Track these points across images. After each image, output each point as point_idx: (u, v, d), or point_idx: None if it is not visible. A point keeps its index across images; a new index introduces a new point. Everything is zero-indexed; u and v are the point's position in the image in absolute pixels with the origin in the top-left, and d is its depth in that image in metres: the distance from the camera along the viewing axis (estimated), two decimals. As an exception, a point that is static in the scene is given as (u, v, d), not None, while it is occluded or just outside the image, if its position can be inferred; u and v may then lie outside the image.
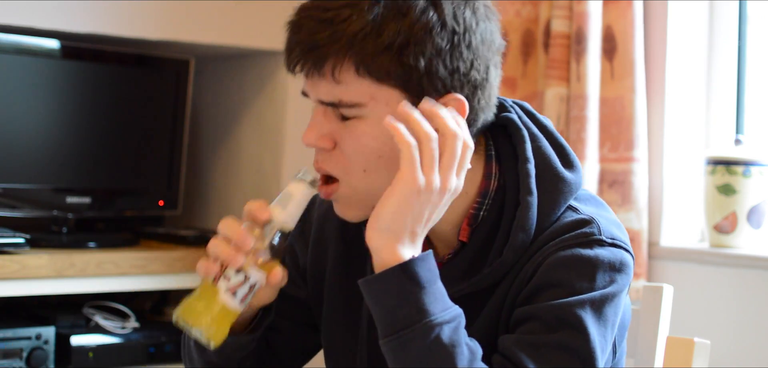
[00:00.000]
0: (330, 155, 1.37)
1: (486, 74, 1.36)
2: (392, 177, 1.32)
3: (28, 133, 2.87)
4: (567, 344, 1.30)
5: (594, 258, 1.34)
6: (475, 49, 1.34)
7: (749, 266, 2.52)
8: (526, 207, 1.37)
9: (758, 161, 2.56)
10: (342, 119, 1.35)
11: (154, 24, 2.92)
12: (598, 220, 1.38)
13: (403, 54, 1.30)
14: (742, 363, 2.50)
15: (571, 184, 1.41)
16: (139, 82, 3.07)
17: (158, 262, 2.83)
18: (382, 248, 1.30)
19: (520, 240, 1.36)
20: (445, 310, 1.29)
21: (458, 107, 1.34)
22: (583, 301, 1.32)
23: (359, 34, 1.30)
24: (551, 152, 1.42)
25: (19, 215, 2.88)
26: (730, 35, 2.72)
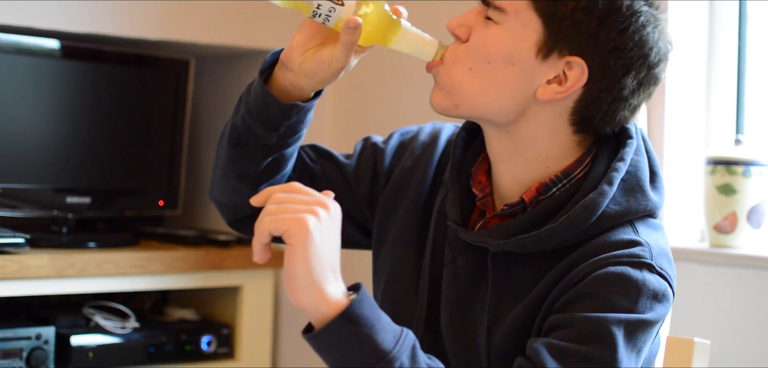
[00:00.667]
0: (458, 45, 1.40)
1: (623, 73, 1.37)
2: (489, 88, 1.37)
3: (28, 133, 2.87)
4: (594, 356, 1.30)
5: (640, 282, 1.34)
6: (627, 40, 1.35)
7: (749, 266, 2.52)
8: (598, 193, 1.37)
9: (758, 161, 2.56)
10: (486, 19, 1.38)
11: (154, 24, 2.92)
12: (653, 247, 1.38)
13: (580, 25, 1.33)
14: (742, 363, 2.50)
15: (648, 201, 1.41)
16: (139, 82, 3.07)
17: (158, 262, 2.83)
18: (315, 303, 1.26)
19: (578, 217, 1.36)
20: (397, 339, 1.27)
21: (578, 74, 1.36)
22: (619, 319, 1.31)
23: None
24: (646, 168, 1.43)
25: (19, 215, 2.88)
26: (730, 35, 2.71)
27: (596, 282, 1.33)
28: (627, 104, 1.39)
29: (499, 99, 1.39)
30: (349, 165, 1.61)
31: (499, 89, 1.38)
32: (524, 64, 1.36)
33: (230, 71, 3.34)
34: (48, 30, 2.80)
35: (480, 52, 1.37)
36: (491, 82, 1.38)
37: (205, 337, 2.96)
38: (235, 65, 3.32)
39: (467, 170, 1.49)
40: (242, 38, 3.05)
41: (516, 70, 1.37)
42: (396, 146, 1.61)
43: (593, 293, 1.33)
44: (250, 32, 3.05)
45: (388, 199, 1.57)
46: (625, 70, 1.36)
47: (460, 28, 1.40)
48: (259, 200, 1.29)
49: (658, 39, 1.38)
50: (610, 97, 1.38)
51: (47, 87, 2.89)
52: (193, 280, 2.92)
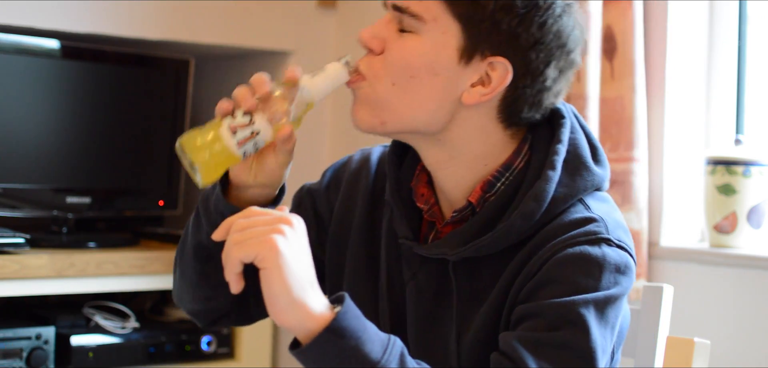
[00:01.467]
0: (372, 58, 1.37)
1: (544, 66, 1.37)
2: (414, 102, 1.36)
3: (28, 133, 2.87)
4: (568, 342, 1.29)
5: (601, 258, 1.34)
6: (546, 33, 1.35)
7: (749, 266, 2.52)
8: (544, 180, 1.37)
9: (758, 161, 2.56)
10: (400, 31, 1.36)
11: (154, 24, 2.92)
12: (607, 220, 1.38)
13: (499, 25, 1.32)
14: (742, 363, 2.50)
15: (594, 176, 1.41)
16: (139, 82, 3.07)
17: (158, 262, 2.83)
18: (300, 320, 1.25)
19: (530, 209, 1.36)
20: (384, 347, 1.27)
21: (502, 74, 1.35)
22: (587, 300, 1.31)
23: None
24: (585, 144, 1.43)
25: (19, 215, 2.88)
26: (730, 35, 2.72)
27: (557, 266, 1.33)
28: (550, 92, 1.39)
29: (426, 111, 1.38)
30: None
31: (425, 102, 1.37)
32: (448, 72, 1.36)
33: (230, 71, 3.34)
34: (48, 30, 2.80)
35: (401, 66, 1.36)
36: (417, 95, 1.36)
37: (205, 337, 2.96)
38: (235, 65, 3.32)
39: (407, 186, 1.48)
40: (242, 38, 3.05)
41: (440, 79, 1.36)
42: (330, 182, 1.59)
43: (556, 278, 1.32)
44: (250, 32, 3.05)
45: (334, 235, 1.56)
46: (546, 62, 1.36)
47: (373, 41, 1.38)
48: (221, 233, 1.28)
49: (573, 27, 1.39)
50: (534, 90, 1.38)
51: (47, 87, 2.89)
52: (193, 280, 2.92)
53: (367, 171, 1.56)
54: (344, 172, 1.58)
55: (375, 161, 1.57)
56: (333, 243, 1.55)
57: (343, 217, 1.55)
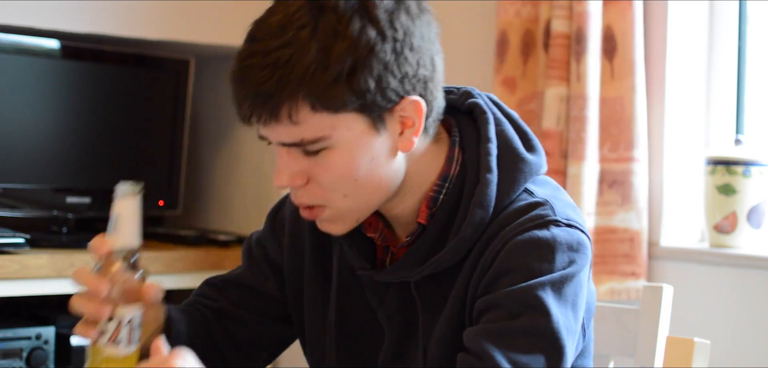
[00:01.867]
0: (307, 189, 1.37)
1: (433, 67, 1.38)
2: (372, 191, 1.36)
3: (28, 133, 2.87)
4: (530, 328, 1.31)
5: (551, 239, 1.35)
6: (418, 48, 1.35)
7: (749, 266, 2.52)
8: (484, 184, 1.38)
9: (758, 161, 2.56)
10: (308, 154, 1.34)
11: (154, 24, 2.92)
12: (553, 202, 1.39)
13: (353, 80, 1.30)
14: (742, 363, 2.50)
15: (531, 165, 1.42)
16: (139, 82, 3.07)
17: (158, 262, 2.83)
18: None
19: (479, 217, 1.37)
20: None
21: (415, 109, 1.35)
22: (543, 283, 1.32)
23: (307, 72, 1.29)
24: (514, 135, 1.43)
25: (19, 215, 2.88)
26: (730, 35, 2.72)
27: (510, 255, 1.34)
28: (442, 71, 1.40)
29: (385, 188, 1.38)
30: (248, 273, 1.60)
31: (379, 184, 1.37)
32: (377, 148, 1.35)
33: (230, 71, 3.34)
34: (48, 30, 2.80)
35: (340, 181, 1.35)
36: (369, 186, 1.36)
37: (205, 337, 2.96)
38: (235, 65, 3.31)
39: None
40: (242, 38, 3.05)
41: (377, 159, 1.36)
42: (274, 226, 1.58)
43: (510, 266, 1.34)
44: (250, 32, 3.05)
45: (290, 277, 1.56)
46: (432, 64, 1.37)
47: (294, 179, 1.36)
48: None
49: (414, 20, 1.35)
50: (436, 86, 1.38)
51: (47, 87, 2.89)
52: (193, 280, 2.92)
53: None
54: (285, 212, 1.58)
55: None
56: (290, 285, 1.56)
57: (293, 258, 1.55)
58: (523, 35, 2.77)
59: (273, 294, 1.58)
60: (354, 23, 1.30)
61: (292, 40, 1.30)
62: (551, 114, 2.66)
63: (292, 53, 1.30)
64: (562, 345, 1.31)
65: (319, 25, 1.30)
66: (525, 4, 2.77)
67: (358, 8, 1.32)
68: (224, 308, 1.58)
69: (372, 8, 1.32)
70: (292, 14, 1.32)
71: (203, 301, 1.59)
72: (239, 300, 1.58)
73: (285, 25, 1.31)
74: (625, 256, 2.63)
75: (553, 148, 2.66)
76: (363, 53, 1.30)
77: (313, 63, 1.29)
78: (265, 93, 1.31)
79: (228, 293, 1.59)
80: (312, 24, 1.30)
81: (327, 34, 1.30)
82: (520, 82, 2.78)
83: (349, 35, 1.30)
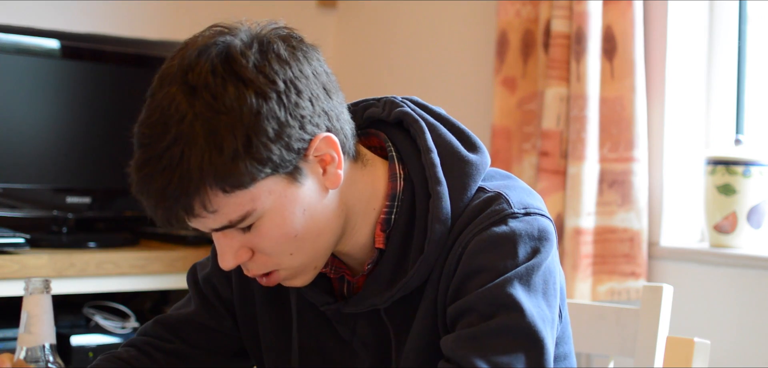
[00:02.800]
0: (255, 261, 1.33)
1: (326, 93, 1.32)
2: (316, 239, 1.32)
3: (28, 133, 2.87)
4: (505, 327, 1.29)
5: (510, 233, 1.33)
6: (305, 87, 1.29)
7: (749, 266, 2.52)
8: (437, 197, 1.35)
9: (758, 161, 2.56)
10: (242, 230, 1.30)
11: (154, 24, 2.92)
12: (507, 193, 1.36)
13: (251, 151, 1.24)
14: (742, 363, 2.50)
15: (477, 166, 1.38)
16: (139, 82, 3.07)
17: (158, 262, 2.83)
18: None
19: (439, 232, 1.34)
20: None
21: (328, 144, 1.30)
22: (510, 278, 1.30)
23: (203, 162, 1.23)
24: (452, 139, 1.39)
25: (19, 215, 2.88)
26: (730, 35, 2.72)
27: (472, 257, 1.32)
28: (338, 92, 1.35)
29: (329, 231, 1.34)
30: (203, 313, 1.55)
31: (322, 230, 1.33)
32: (306, 199, 1.31)
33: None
34: (48, 30, 2.80)
35: (280, 243, 1.31)
36: (312, 236, 1.32)
37: (205, 337, 2.96)
38: (235, 65, 3.32)
39: None
40: (242, 38, 3.05)
41: (311, 208, 1.32)
42: (217, 263, 1.53)
43: (474, 269, 1.32)
44: (250, 32, 3.05)
45: (241, 311, 1.52)
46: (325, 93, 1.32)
47: (238, 257, 1.32)
48: None
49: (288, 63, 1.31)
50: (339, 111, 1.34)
51: (47, 87, 2.89)
52: (193, 280, 2.92)
53: None
54: None
55: None
56: (244, 325, 1.52)
57: (243, 292, 1.51)
58: (523, 35, 2.77)
59: (230, 332, 1.54)
60: (228, 94, 1.24)
61: (177, 136, 1.24)
62: (551, 114, 2.66)
63: (182, 148, 1.23)
64: (540, 339, 1.29)
65: (196, 109, 1.24)
66: (525, 4, 2.77)
67: (226, 74, 1.26)
68: (179, 350, 1.53)
69: (241, 70, 1.26)
70: (167, 107, 1.25)
71: (154, 343, 1.54)
72: (196, 340, 1.53)
73: (166, 122, 1.25)
74: (625, 256, 2.63)
75: (553, 148, 2.66)
76: (251, 121, 1.24)
77: (204, 151, 1.23)
78: (171, 197, 1.25)
79: (183, 333, 1.54)
80: (189, 111, 1.24)
81: (207, 116, 1.23)
82: (520, 82, 2.78)
83: (229, 108, 1.24)
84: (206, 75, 1.26)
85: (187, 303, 1.57)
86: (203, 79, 1.26)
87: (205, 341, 1.53)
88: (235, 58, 1.29)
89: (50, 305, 1.34)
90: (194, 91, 1.25)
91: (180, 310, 1.56)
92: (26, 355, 1.34)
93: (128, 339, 1.56)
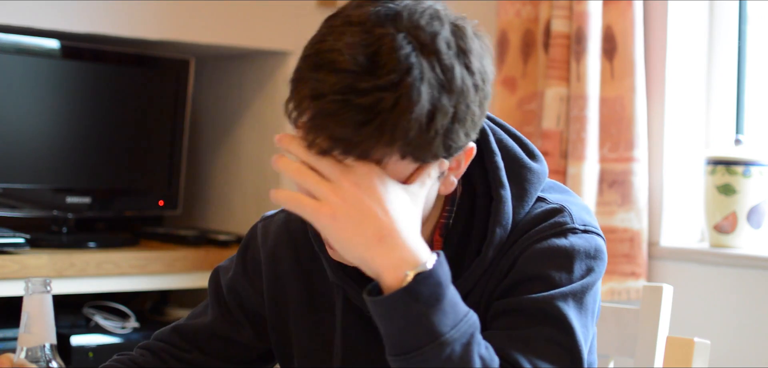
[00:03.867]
0: None
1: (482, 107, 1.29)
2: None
3: (28, 133, 2.87)
4: (553, 338, 1.29)
5: (570, 248, 1.33)
6: (489, 93, 1.28)
7: (749, 266, 2.52)
8: (500, 201, 1.34)
9: (758, 161, 2.57)
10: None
11: (154, 24, 2.92)
12: (569, 208, 1.36)
13: (449, 136, 1.23)
14: (742, 363, 2.50)
15: (539, 174, 1.38)
16: (139, 82, 3.07)
17: (158, 262, 2.83)
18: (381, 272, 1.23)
19: (498, 236, 1.34)
20: (456, 326, 1.23)
21: (468, 154, 1.30)
22: (564, 294, 1.30)
23: (411, 129, 1.19)
24: (514, 144, 1.39)
25: (19, 215, 2.88)
26: (730, 35, 2.72)
27: (528, 263, 1.32)
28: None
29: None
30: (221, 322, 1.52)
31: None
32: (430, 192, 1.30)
33: (230, 71, 3.34)
34: (48, 30, 2.80)
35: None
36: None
37: (205, 337, 2.96)
38: (235, 65, 3.32)
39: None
40: (242, 38, 3.05)
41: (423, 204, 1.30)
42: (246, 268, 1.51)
43: (529, 274, 1.32)
44: (250, 32, 3.05)
45: (274, 321, 1.49)
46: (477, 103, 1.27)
47: None
48: None
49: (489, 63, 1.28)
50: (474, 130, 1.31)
51: (47, 87, 2.89)
52: (193, 280, 2.92)
53: (288, 246, 1.48)
54: (258, 252, 1.50)
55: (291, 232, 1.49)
56: (273, 325, 1.49)
57: (277, 299, 1.48)
58: (523, 35, 2.77)
59: (249, 343, 1.52)
60: (457, 73, 1.22)
61: (397, 85, 1.18)
62: (551, 114, 2.66)
63: (395, 99, 1.18)
64: (582, 358, 1.30)
65: (424, 72, 1.19)
66: (525, 4, 2.77)
67: (458, 53, 1.22)
68: (194, 360, 1.52)
69: (469, 53, 1.23)
70: (390, 49, 1.19)
71: (170, 350, 1.53)
72: (212, 350, 1.51)
73: (385, 63, 1.19)
74: (625, 256, 2.63)
75: (553, 148, 2.66)
76: (462, 108, 1.22)
77: (418, 118, 1.19)
78: (355, 141, 1.20)
79: (200, 343, 1.52)
80: (418, 67, 1.19)
81: (434, 84, 1.20)
82: (520, 82, 2.78)
83: (454, 89, 1.21)
84: (440, 44, 1.22)
85: (204, 311, 1.55)
86: (435, 45, 1.21)
87: (221, 351, 1.52)
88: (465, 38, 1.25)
89: (51, 305, 1.34)
90: (424, 49, 1.20)
91: (197, 318, 1.54)
92: (27, 355, 1.34)
93: (143, 342, 1.55)
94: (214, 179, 3.38)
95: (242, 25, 3.03)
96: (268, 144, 3.20)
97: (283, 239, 1.49)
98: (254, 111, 3.24)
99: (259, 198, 3.23)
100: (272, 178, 3.18)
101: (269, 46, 3.08)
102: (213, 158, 3.39)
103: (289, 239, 1.48)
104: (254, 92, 3.24)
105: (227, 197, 3.34)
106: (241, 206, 3.29)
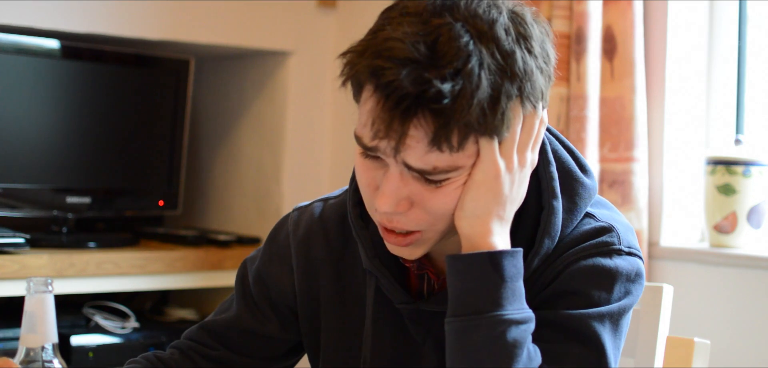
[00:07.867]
0: (409, 216, 1.27)
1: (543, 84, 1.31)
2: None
3: (28, 133, 2.87)
4: (585, 358, 1.29)
5: (613, 270, 1.32)
6: (552, 75, 1.31)
7: (749, 266, 2.52)
8: (551, 212, 1.33)
9: (758, 161, 2.56)
10: (429, 182, 1.25)
11: (154, 24, 2.92)
12: (617, 228, 1.35)
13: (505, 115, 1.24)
14: (742, 363, 2.50)
15: (590, 190, 1.38)
16: (139, 82, 3.07)
17: (158, 262, 2.83)
18: (473, 234, 1.25)
19: (546, 247, 1.33)
20: (519, 311, 1.25)
21: (542, 123, 1.31)
22: (601, 315, 1.30)
23: (483, 112, 1.21)
24: (568, 157, 1.39)
25: (19, 215, 2.88)
26: (730, 35, 2.72)
27: (571, 278, 1.32)
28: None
29: None
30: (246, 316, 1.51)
31: None
32: None
33: (230, 71, 3.34)
34: (48, 30, 2.80)
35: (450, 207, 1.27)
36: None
37: (205, 337, 2.96)
38: (235, 65, 3.32)
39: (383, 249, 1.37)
40: (242, 38, 3.05)
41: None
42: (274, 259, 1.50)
43: (570, 289, 1.31)
44: (250, 32, 3.05)
45: (305, 312, 1.48)
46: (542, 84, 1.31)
47: (400, 206, 1.25)
48: None
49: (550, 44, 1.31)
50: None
51: (47, 87, 2.89)
52: (193, 280, 2.92)
53: (320, 237, 1.47)
54: (289, 242, 1.49)
55: (324, 222, 1.48)
56: (304, 318, 1.48)
57: (308, 290, 1.47)
58: (523, 35, 2.77)
59: (275, 335, 1.50)
60: (517, 57, 1.23)
61: (459, 70, 1.19)
62: (551, 114, 2.66)
63: (464, 85, 1.19)
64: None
65: (483, 58, 1.21)
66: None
67: (518, 38, 1.24)
68: (222, 357, 1.51)
69: (529, 39, 1.25)
70: (448, 37, 1.21)
71: (198, 349, 1.52)
72: (239, 346, 1.51)
73: (446, 52, 1.20)
74: (625, 256, 2.63)
75: (553, 148, 2.66)
76: (526, 89, 1.25)
77: (484, 101, 1.20)
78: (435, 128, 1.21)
79: (226, 340, 1.51)
80: (477, 54, 1.20)
81: (493, 69, 1.21)
82: (520, 82, 2.78)
83: (517, 73, 1.23)
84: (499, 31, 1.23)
85: (230, 306, 1.54)
86: (493, 32, 1.23)
87: (248, 346, 1.51)
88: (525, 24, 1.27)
89: (52, 305, 1.35)
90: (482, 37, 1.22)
91: (223, 314, 1.53)
92: (28, 355, 1.34)
93: (174, 341, 1.54)
94: (214, 179, 3.38)
95: (242, 25, 3.03)
96: (268, 144, 3.20)
97: (316, 228, 1.48)
98: (254, 111, 3.24)
99: (259, 198, 3.23)
100: (272, 178, 3.18)
101: (269, 46, 3.08)
102: (213, 158, 3.39)
103: (321, 228, 1.47)
104: (254, 92, 3.24)
105: (227, 197, 3.34)
106: (240, 206, 3.29)
